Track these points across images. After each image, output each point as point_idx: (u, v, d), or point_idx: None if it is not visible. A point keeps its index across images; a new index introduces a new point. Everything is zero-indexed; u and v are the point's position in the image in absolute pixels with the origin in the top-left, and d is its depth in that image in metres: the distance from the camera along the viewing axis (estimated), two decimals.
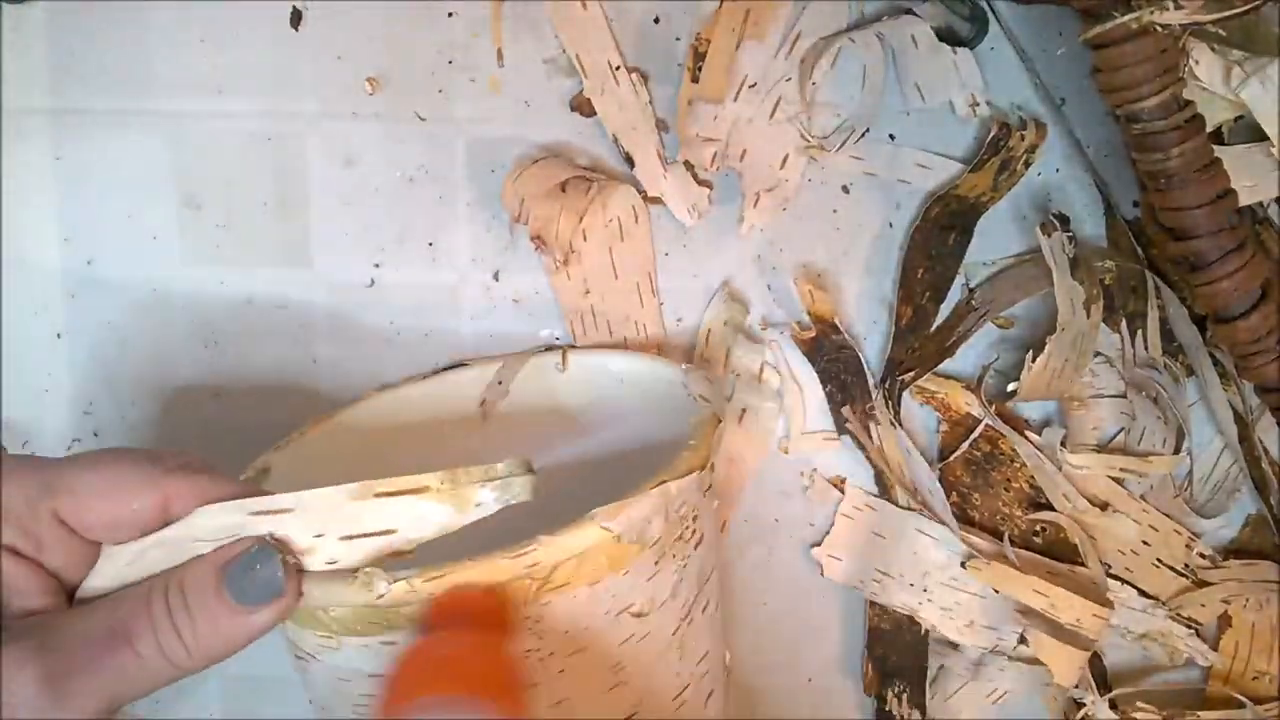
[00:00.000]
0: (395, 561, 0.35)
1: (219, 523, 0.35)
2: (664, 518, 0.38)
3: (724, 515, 0.53)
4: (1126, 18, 0.37)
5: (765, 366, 0.51)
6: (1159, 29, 0.38)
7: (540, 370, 0.50)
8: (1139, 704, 0.52)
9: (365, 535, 0.35)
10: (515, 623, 0.35)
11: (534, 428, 0.50)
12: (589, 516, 0.36)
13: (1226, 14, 0.37)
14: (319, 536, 0.35)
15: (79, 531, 0.34)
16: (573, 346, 0.51)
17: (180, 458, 0.36)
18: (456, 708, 0.31)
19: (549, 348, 0.51)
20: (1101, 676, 0.53)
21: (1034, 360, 0.48)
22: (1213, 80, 0.44)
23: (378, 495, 0.35)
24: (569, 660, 0.37)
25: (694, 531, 0.40)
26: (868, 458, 0.52)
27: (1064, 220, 0.49)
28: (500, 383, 0.50)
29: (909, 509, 0.51)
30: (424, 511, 0.35)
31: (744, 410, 0.51)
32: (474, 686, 0.31)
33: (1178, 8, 0.37)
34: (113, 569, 0.35)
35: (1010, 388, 0.50)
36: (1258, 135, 0.45)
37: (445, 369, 0.51)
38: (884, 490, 0.52)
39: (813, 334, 0.51)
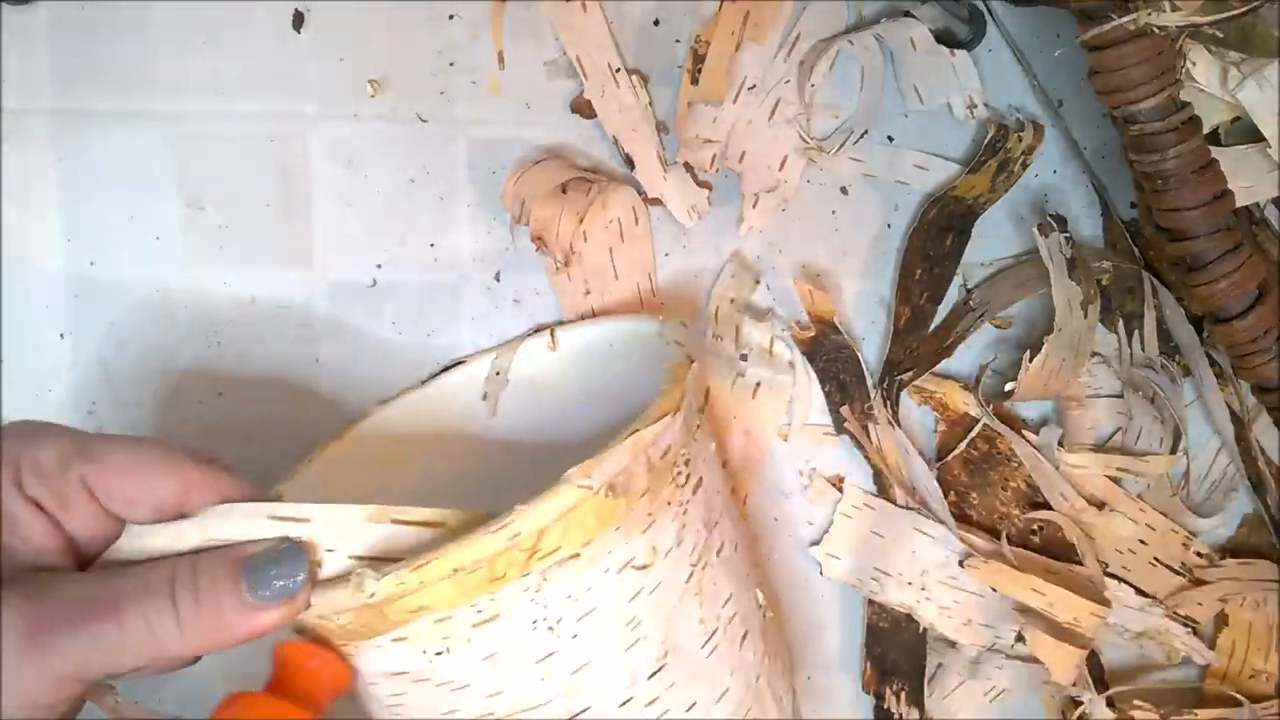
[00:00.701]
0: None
1: (237, 523, 0.35)
2: (645, 467, 0.37)
3: (744, 489, 0.53)
4: (1124, 19, 0.38)
5: (775, 340, 0.51)
6: (1156, 30, 0.38)
7: (534, 353, 0.50)
8: (1136, 702, 0.53)
9: (375, 558, 0.35)
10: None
11: (539, 410, 0.50)
12: (564, 477, 0.35)
13: (1224, 16, 0.37)
14: (330, 551, 0.35)
15: (102, 502, 0.35)
16: (560, 324, 0.51)
17: (209, 454, 0.37)
18: None
19: (537, 330, 0.51)
20: (1099, 675, 0.54)
21: (1031, 360, 0.48)
22: (1209, 82, 0.44)
23: (393, 521, 0.35)
24: (580, 625, 0.36)
25: (687, 477, 0.40)
26: (866, 457, 0.52)
27: (1061, 221, 0.49)
28: (498, 373, 0.50)
29: (907, 508, 0.52)
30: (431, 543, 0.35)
31: (758, 384, 0.51)
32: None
33: (1174, 9, 0.37)
34: (130, 547, 0.35)
35: (1007, 387, 0.50)
36: (1254, 136, 0.45)
37: (441, 371, 0.51)
38: (882, 490, 0.52)
39: (812, 334, 0.51)
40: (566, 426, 0.48)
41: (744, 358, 0.51)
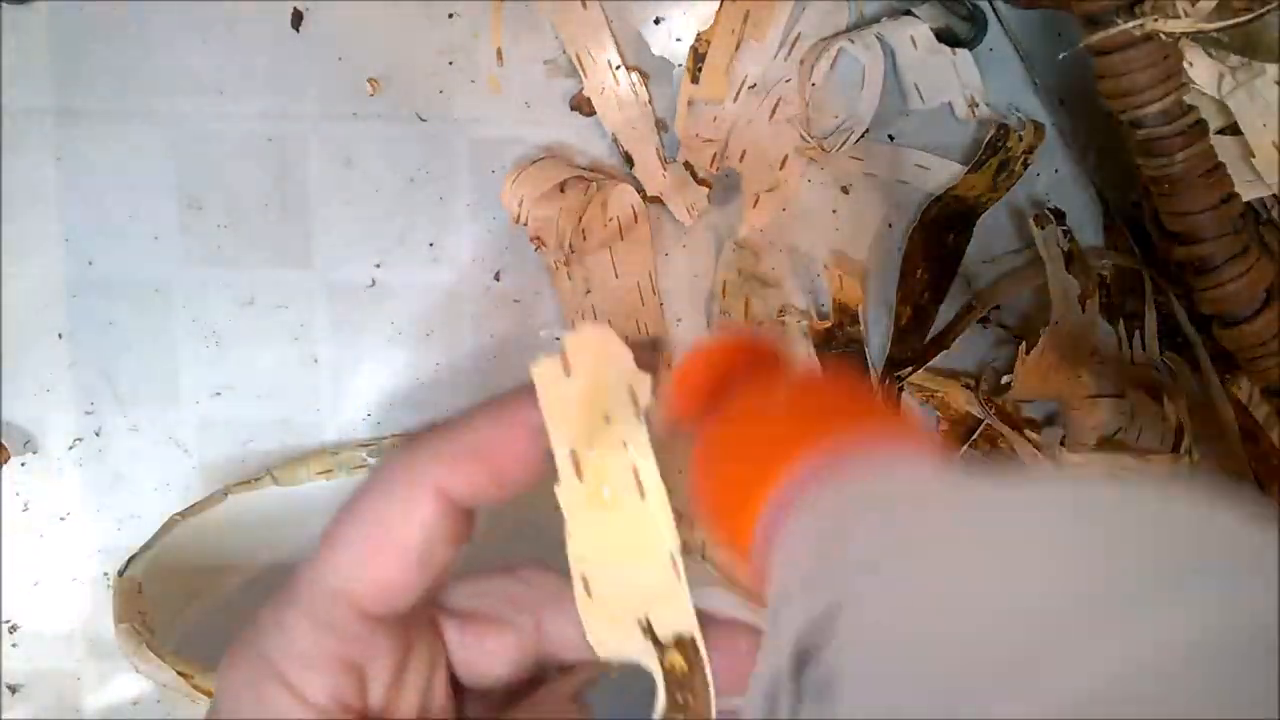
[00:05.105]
0: None
1: None
2: None
3: None
4: (1130, 24, 0.38)
5: (789, 309, 0.51)
6: (1163, 36, 0.38)
7: None
8: None
9: None
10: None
11: None
12: None
13: (1231, 23, 0.37)
14: None
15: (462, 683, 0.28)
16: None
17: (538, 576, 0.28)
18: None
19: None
20: None
21: (1028, 353, 0.48)
22: (1207, 84, 0.44)
23: None
24: None
25: None
26: None
27: (1059, 215, 0.49)
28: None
29: None
30: None
31: None
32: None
33: (1175, 16, 0.37)
34: None
35: (1005, 380, 0.50)
36: None
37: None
38: None
39: (829, 324, 0.51)
40: None
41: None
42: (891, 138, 0.51)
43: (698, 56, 0.49)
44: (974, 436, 0.52)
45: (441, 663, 0.27)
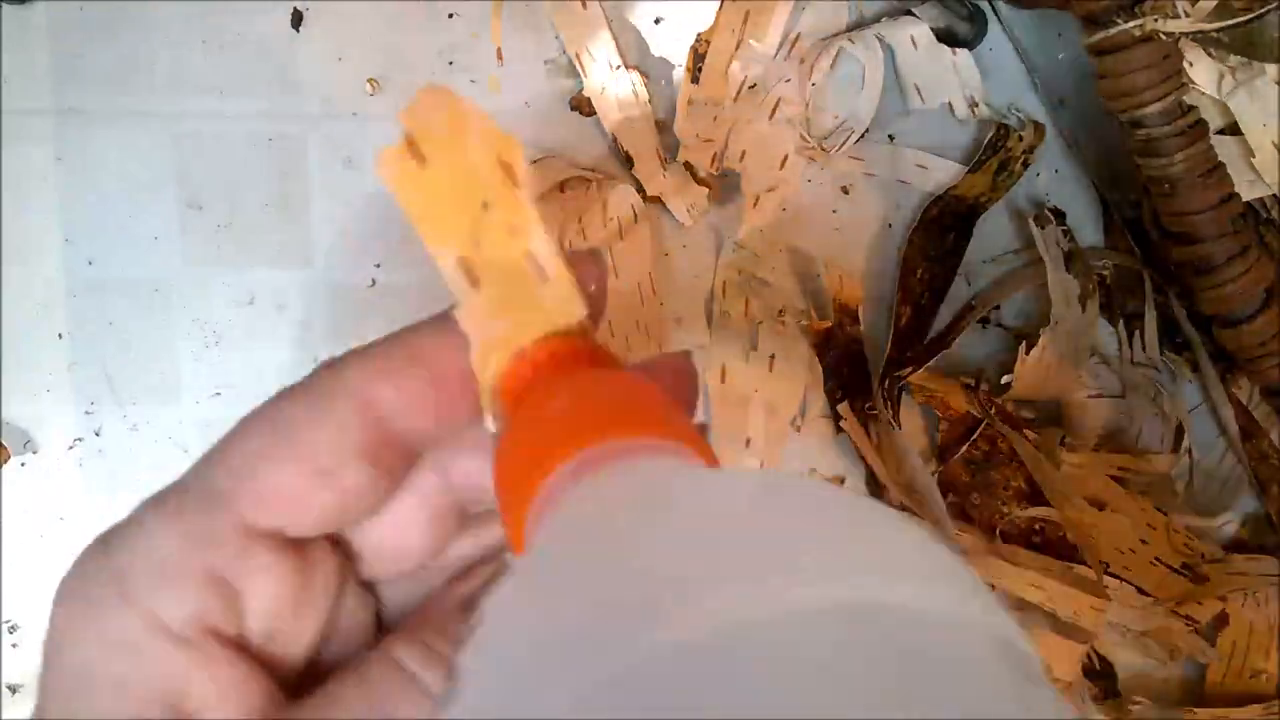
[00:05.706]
0: None
1: None
2: None
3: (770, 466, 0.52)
4: (1130, 25, 0.38)
5: (788, 309, 0.51)
6: (1162, 36, 0.38)
7: None
8: (1136, 700, 0.53)
9: None
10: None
11: None
12: None
13: (1230, 23, 0.37)
14: None
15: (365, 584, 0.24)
16: None
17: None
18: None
19: None
20: (1099, 673, 0.54)
21: (1027, 353, 0.48)
22: (1207, 84, 0.44)
23: None
24: None
25: None
26: (861, 457, 0.52)
27: (1059, 215, 0.49)
28: None
29: (904, 509, 0.52)
30: None
31: (772, 357, 0.51)
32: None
33: (1175, 16, 0.37)
34: None
35: (1005, 380, 0.50)
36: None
37: None
38: (875, 490, 0.52)
39: (828, 324, 0.51)
40: None
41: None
42: (891, 138, 0.51)
43: (698, 56, 0.49)
44: (974, 436, 0.52)
45: (350, 583, 0.23)
